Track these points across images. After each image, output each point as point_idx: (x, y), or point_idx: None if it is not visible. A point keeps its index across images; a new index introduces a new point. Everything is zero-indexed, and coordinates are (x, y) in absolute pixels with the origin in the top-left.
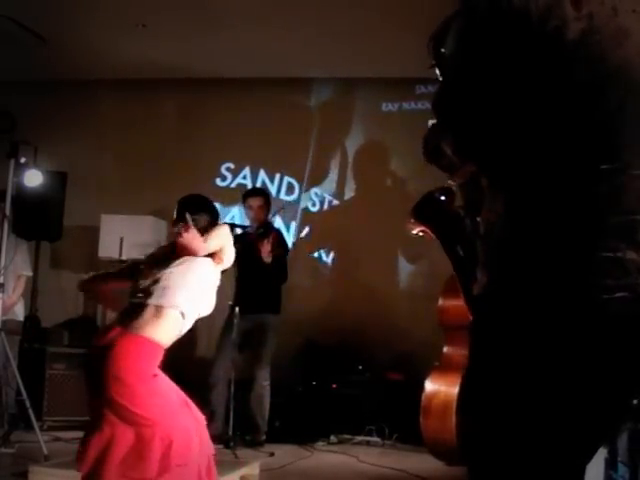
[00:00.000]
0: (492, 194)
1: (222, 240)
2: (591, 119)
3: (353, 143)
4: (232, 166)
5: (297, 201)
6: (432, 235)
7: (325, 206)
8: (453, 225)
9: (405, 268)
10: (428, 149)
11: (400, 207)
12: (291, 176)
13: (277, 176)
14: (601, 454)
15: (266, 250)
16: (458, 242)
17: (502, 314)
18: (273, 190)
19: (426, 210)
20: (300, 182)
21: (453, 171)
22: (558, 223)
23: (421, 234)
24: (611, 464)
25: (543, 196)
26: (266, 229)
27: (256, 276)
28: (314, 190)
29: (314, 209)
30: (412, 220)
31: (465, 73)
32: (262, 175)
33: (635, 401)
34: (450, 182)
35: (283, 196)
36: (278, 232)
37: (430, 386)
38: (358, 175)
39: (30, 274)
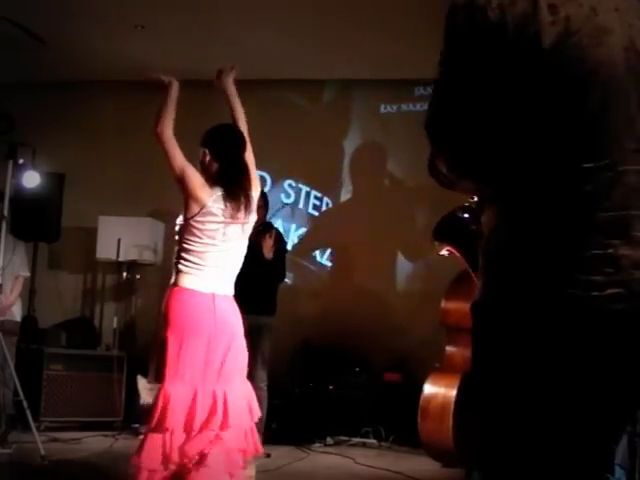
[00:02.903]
0: (488, 206)
1: None
2: (574, 119)
3: (351, 144)
4: None
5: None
6: (457, 254)
7: (323, 207)
8: (475, 242)
9: (402, 269)
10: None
11: (398, 208)
12: (292, 177)
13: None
14: None
15: (269, 246)
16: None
17: (498, 319)
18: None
19: (447, 230)
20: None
21: (451, 187)
22: (547, 226)
23: (447, 254)
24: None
25: (533, 202)
26: (266, 227)
27: (253, 277)
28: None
29: (312, 210)
30: (435, 242)
31: (450, 90)
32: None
33: None
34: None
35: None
36: (277, 231)
37: (429, 388)
38: (356, 176)
39: (28, 275)
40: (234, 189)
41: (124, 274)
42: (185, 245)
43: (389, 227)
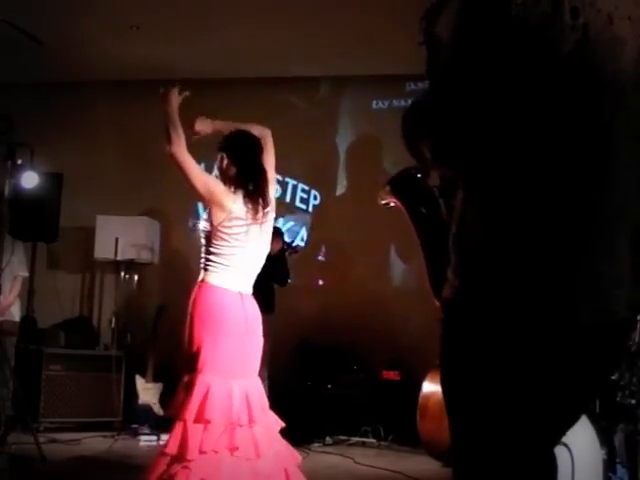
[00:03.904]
0: (467, 198)
1: None
2: (581, 129)
3: (344, 140)
4: None
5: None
6: (402, 209)
7: (316, 203)
8: (426, 202)
9: (399, 266)
10: (407, 132)
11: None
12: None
13: None
14: (599, 455)
15: (277, 247)
16: (430, 220)
17: (472, 320)
18: None
19: (402, 184)
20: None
21: (425, 167)
22: (534, 233)
23: (391, 205)
24: (609, 466)
25: (522, 205)
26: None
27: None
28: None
29: (304, 206)
30: (387, 189)
31: (455, 78)
32: None
33: (633, 401)
34: None
35: None
36: (280, 230)
37: (427, 386)
38: (349, 172)
39: (26, 275)
40: (253, 191)
41: (122, 273)
42: (213, 249)
43: (384, 223)
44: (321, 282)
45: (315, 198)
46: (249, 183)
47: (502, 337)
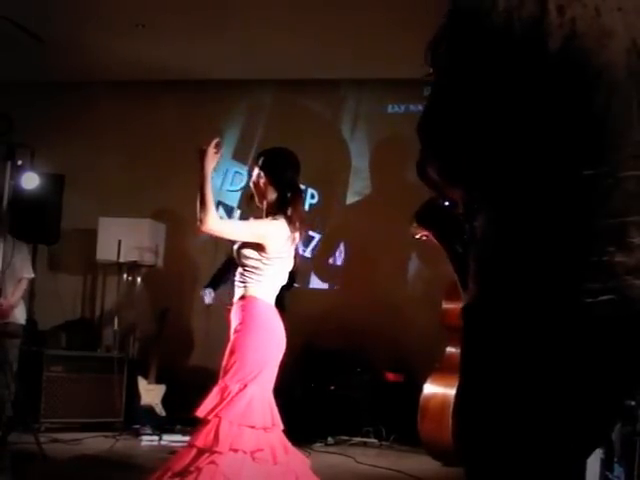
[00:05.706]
0: (480, 208)
1: None
2: (575, 125)
3: (358, 145)
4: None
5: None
6: (435, 239)
7: (313, 202)
8: (455, 230)
9: (405, 270)
10: (418, 168)
11: (402, 210)
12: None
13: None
14: (597, 454)
15: None
16: (459, 246)
17: (491, 324)
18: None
19: (428, 215)
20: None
21: (440, 192)
22: (542, 231)
23: (424, 238)
24: (607, 464)
25: (528, 208)
26: None
27: None
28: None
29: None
30: (415, 225)
31: (448, 95)
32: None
33: (632, 402)
34: None
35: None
36: None
37: (429, 387)
38: (362, 177)
39: (31, 276)
40: (294, 215)
41: (124, 275)
42: (260, 271)
43: (393, 226)
44: (336, 287)
45: (312, 197)
46: (288, 209)
47: (522, 337)
